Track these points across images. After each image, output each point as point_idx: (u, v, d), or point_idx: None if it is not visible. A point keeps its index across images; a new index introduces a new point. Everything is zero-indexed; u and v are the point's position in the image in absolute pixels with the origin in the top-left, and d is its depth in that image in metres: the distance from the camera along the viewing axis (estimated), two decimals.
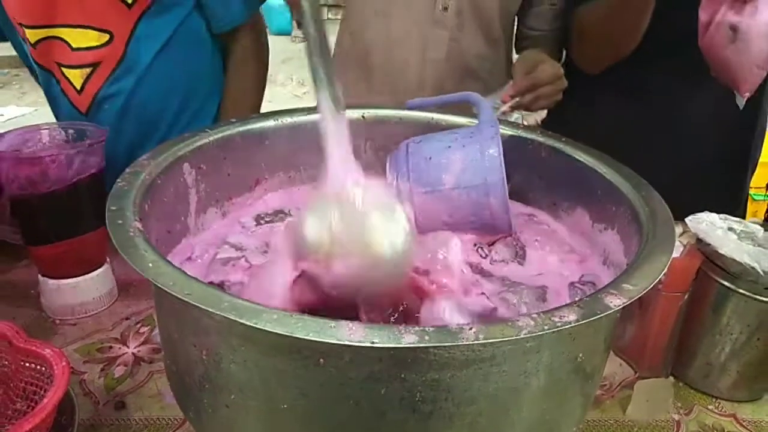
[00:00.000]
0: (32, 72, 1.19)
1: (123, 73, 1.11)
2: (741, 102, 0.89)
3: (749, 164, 1.29)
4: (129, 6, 1.06)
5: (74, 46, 1.07)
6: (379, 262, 0.53)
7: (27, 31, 1.07)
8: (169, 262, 0.49)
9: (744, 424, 0.79)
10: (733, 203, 1.29)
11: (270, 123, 0.80)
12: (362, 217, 0.53)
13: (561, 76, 1.03)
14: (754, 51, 0.82)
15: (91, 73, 1.10)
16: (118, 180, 0.61)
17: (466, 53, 1.21)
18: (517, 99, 0.99)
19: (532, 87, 1.00)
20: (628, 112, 1.21)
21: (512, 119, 1.00)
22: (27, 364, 0.68)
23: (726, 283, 0.78)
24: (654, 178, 0.67)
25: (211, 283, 0.64)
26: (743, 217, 1.35)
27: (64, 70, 1.10)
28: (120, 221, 0.53)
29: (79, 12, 1.05)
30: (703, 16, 0.85)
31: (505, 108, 0.96)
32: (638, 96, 1.20)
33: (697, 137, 1.19)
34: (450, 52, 1.20)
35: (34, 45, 1.08)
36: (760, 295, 0.76)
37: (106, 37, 1.07)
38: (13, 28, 1.11)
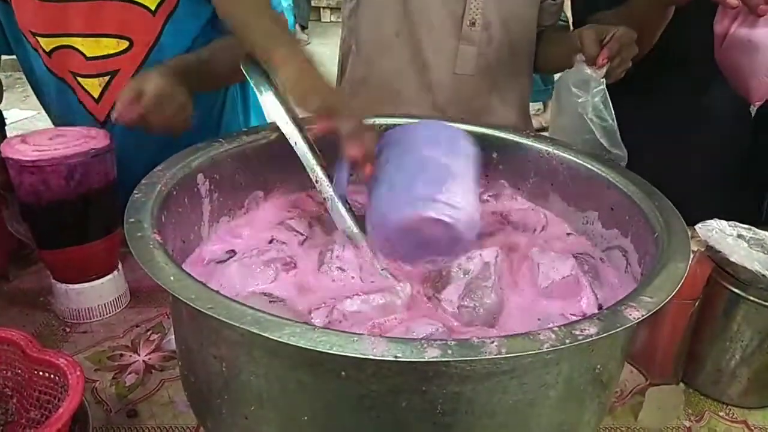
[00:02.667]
0: (34, 86, 1.17)
1: None
2: (753, 110, 0.93)
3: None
4: (153, 12, 1.05)
5: (88, 55, 1.06)
6: None
7: (41, 39, 1.06)
8: (190, 274, 0.49)
9: (755, 430, 0.79)
10: (752, 208, 1.29)
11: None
12: None
13: (635, 39, 0.96)
14: (763, 62, 0.85)
15: (110, 81, 1.08)
16: (135, 191, 0.61)
17: (494, 66, 1.20)
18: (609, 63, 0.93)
19: (620, 49, 0.94)
20: (647, 116, 1.21)
21: (600, 88, 0.93)
22: (41, 373, 0.68)
23: (736, 291, 0.78)
24: (671, 182, 0.68)
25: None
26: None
27: (80, 79, 1.09)
28: (139, 234, 0.54)
29: (93, 20, 1.03)
30: (718, 28, 0.88)
31: (602, 73, 0.92)
32: (658, 100, 1.21)
33: (715, 141, 1.20)
34: (478, 66, 1.19)
35: (49, 54, 1.07)
36: None
37: (126, 44, 1.06)
38: (20, 40, 1.10)
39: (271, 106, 0.76)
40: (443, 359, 0.42)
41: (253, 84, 0.78)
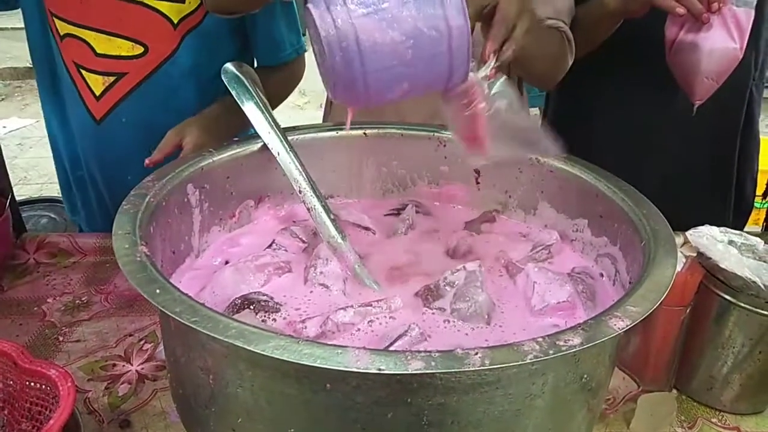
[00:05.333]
0: (38, 71, 1.16)
1: (150, 90, 1.09)
2: (695, 109, 1.03)
3: (744, 170, 1.31)
4: (174, 25, 1.05)
5: (98, 51, 1.06)
6: None
7: (57, 21, 1.06)
8: (177, 287, 0.49)
9: None
10: (722, 208, 1.31)
11: None
12: None
13: (524, 10, 0.75)
14: (705, 65, 0.97)
15: (115, 82, 1.08)
16: (124, 203, 0.61)
17: None
18: (497, 56, 0.72)
19: (508, 33, 0.73)
20: (612, 119, 1.24)
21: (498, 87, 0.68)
22: (32, 384, 0.68)
23: (727, 297, 0.78)
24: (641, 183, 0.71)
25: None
26: (743, 221, 1.37)
27: (85, 73, 1.08)
28: (126, 246, 0.54)
29: (112, 19, 1.03)
30: (668, 34, 1.00)
31: (487, 69, 0.69)
32: (620, 103, 1.22)
33: (679, 143, 1.23)
34: None
35: (61, 38, 1.07)
36: (762, 309, 0.76)
37: (141, 49, 1.06)
38: (38, 20, 1.09)
39: (253, 116, 0.77)
40: (427, 371, 0.42)
41: (235, 95, 0.78)
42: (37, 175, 3.45)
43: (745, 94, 1.20)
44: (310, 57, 0.77)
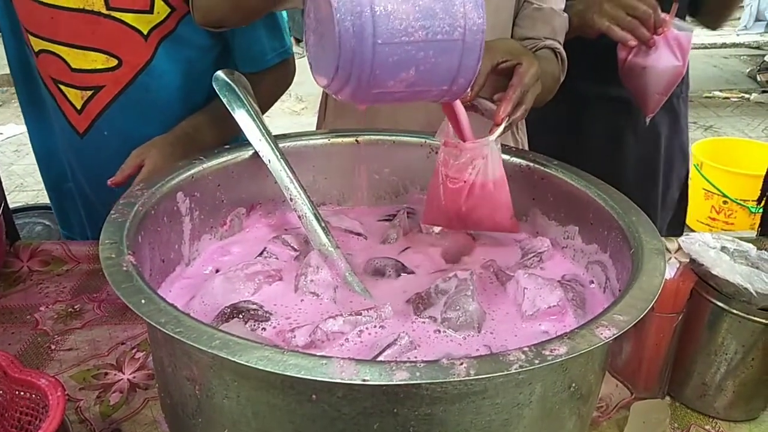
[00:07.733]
0: (17, 85, 1.17)
1: (129, 101, 1.08)
2: (646, 120, 1.19)
3: (671, 177, 1.38)
4: (145, 37, 1.04)
5: (74, 66, 1.06)
6: None
7: (31, 38, 1.06)
8: (162, 298, 0.49)
9: None
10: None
11: None
12: None
13: (539, 76, 0.80)
14: (655, 82, 1.12)
15: (93, 95, 1.08)
16: (111, 212, 0.61)
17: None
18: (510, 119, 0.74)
19: (522, 97, 0.76)
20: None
21: None
22: (22, 394, 0.67)
23: (720, 304, 0.78)
24: None
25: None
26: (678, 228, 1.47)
27: (63, 87, 1.08)
28: (113, 255, 0.54)
29: (83, 33, 1.03)
30: (620, 55, 1.13)
31: (500, 132, 0.72)
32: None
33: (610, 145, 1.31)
34: None
35: (36, 54, 1.07)
36: (754, 316, 0.76)
37: (114, 62, 1.06)
38: (11, 35, 1.09)
39: (244, 124, 0.77)
40: (412, 382, 0.42)
41: (226, 102, 0.78)
42: (33, 182, 3.45)
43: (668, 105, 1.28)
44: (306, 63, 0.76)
